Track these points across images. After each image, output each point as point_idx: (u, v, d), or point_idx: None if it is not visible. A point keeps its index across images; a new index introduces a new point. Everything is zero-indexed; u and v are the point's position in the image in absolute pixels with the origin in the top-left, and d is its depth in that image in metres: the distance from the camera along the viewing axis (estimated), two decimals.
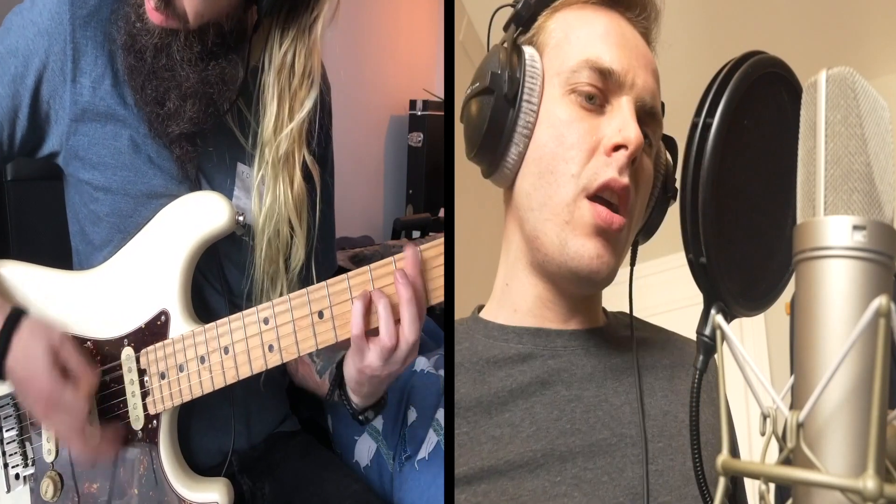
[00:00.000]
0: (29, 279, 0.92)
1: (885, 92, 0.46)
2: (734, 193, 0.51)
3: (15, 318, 0.84)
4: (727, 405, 0.55)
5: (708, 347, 0.52)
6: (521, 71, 0.67)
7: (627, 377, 0.69)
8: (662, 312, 1.36)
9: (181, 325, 0.87)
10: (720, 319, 0.51)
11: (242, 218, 0.90)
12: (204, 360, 0.85)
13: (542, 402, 0.65)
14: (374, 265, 0.78)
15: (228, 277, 0.95)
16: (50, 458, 0.91)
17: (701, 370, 0.52)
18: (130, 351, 0.88)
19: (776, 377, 2.21)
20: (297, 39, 0.90)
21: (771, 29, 1.84)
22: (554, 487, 0.62)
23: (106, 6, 0.88)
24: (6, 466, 0.92)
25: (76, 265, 1.00)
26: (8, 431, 0.92)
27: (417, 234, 2.92)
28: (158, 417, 0.88)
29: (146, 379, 0.87)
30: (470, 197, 0.87)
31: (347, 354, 0.85)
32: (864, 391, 0.40)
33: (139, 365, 0.88)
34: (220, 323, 0.84)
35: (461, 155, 0.72)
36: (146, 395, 0.87)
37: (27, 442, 0.92)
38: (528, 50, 0.69)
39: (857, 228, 0.41)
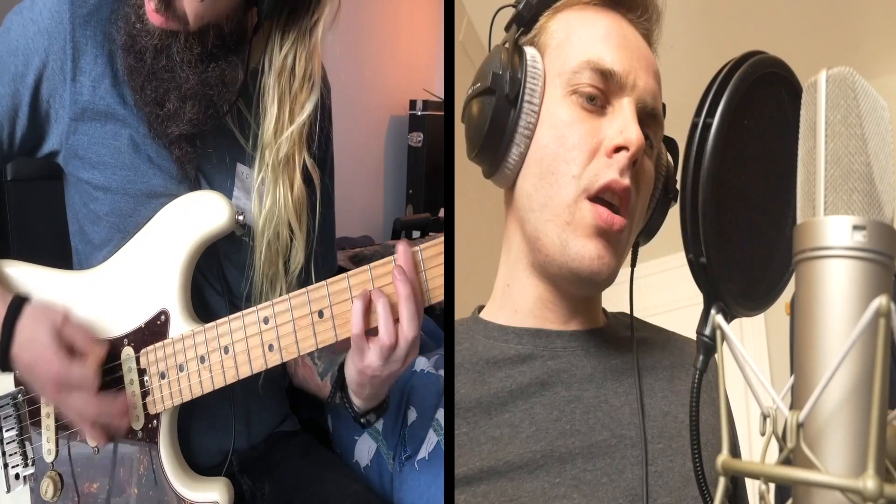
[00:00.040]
0: (28, 279, 0.92)
1: (885, 92, 0.46)
2: (734, 193, 0.51)
3: (17, 305, 0.85)
4: (727, 405, 0.55)
5: (708, 347, 0.52)
6: (522, 71, 0.67)
7: (627, 378, 0.69)
8: (662, 312, 1.36)
9: (181, 324, 0.87)
10: (720, 319, 0.51)
11: (242, 217, 0.90)
12: (204, 359, 0.85)
13: (541, 402, 0.65)
14: (373, 265, 0.78)
15: (228, 277, 0.95)
16: (50, 457, 0.91)
17: (701, 370, 0.52)
18: (130, 351, 0.88)
19: (776, 377, 2.21)
20: (297, 42, 0.90)
21: (771, 29, 1.84)
22: (553, 489, 0.61)
23: (106, 6, 0.88)
24: (6, 466, 0.92)
25: (76, 265, 1.00)
26: (8, 431, 0.92)
27: (417, 234, 2.93)
28: (158, 417, 0.88)
29: (146, 379, 0.87)
30: (470, 197, 0.87)
31: (348, 355, 0.85)
32: (864, 391, 0.40)
33: (139, 365, 0.88)
34: (219, 322, 0.84)
35: (461, 155, 0.72)
36: (146, 394, 0.87)
37: (27, 442, 0.92)
38: (529, 50, 0.69)
39: (857, 228, 0.41)
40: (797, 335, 0.43)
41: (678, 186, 0.67)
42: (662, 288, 1.99)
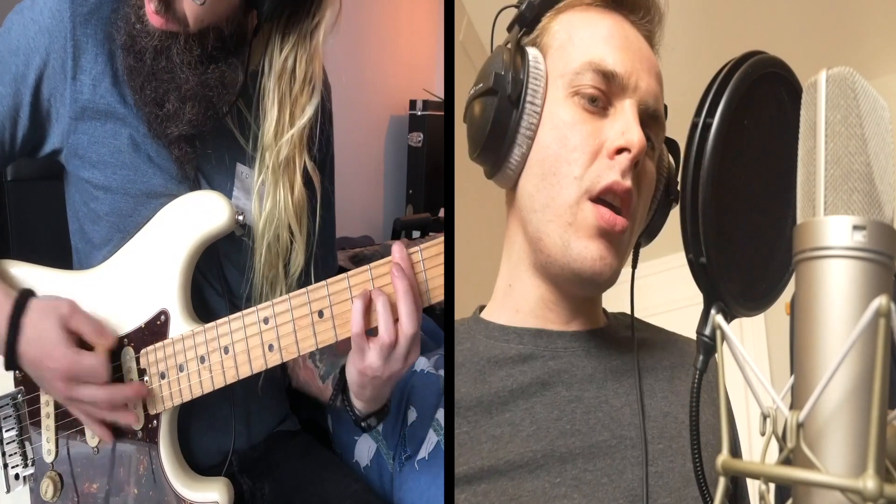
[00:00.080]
0: (28, 279, 0.92)
1: (885, 92, 0.46)
2: (734, 193, 0.51)
3: (22, 301, 0.84)
4: (728, 405, 0.55)
5: (708, 347, 0.52)
6: (524, 72, 0.67)
7: (628, 378, 0.69)
8: (662, 312, 1.36)
9: (181, 324, 0.87)
10: (720, 319, 0.51)
11: (242, 217, 0.90)
12: (204, 359, 0.85)
13: (542, 402, 0.65)
14: (373, 265, 0.79)
15: (228, 278, 0.95)
16: (49, 458, 0.91)
17: (701, 370, 0.52)
18: (130, 351, 0.88)
19: (776, 377, 2.21)
20: (297, 45, 0.90)
21: (771, 29, 1.84)
22: (554, 488, 0.62)
23: (107, 4, 0.88)
24: (6, 467, 0.92)
25: (76, 264, 1.00)
26: (8, 432, 0.92)
27: (417, 234, 2.93)
28: (158, 417, 0.88)
29: (146, 379, 0.87)
30: (470, 197, 0.87)
31: (349, 357, 0.85)
32: (864, 391, 0.40)
33: (139, 365, 0.88)
34: (219, 323, 0.84)
35: (461, 155, 0.72)
36: None
37: (27, 442, 0.92)
38: (531, 51, 0.69)
39: (857, 228, 0.41)
40: (797, 335, 0.43)
41: (678, 187, 0.67)
42: (662, 288, 1.99)
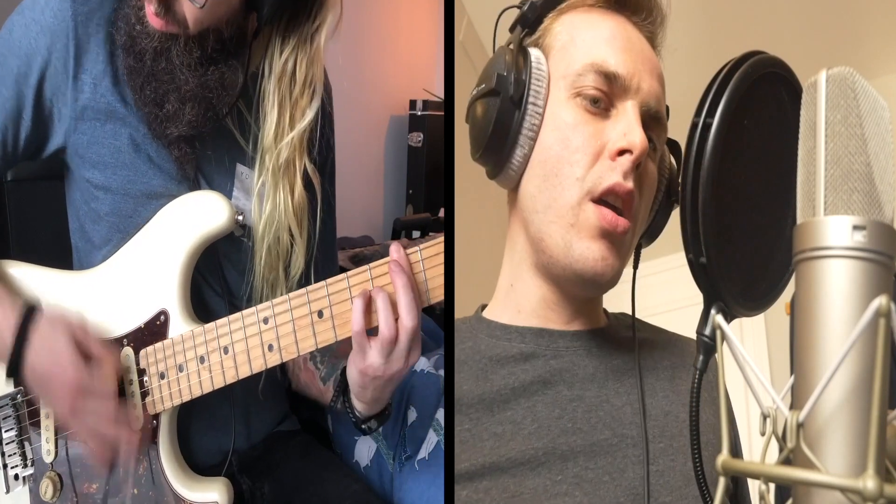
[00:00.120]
0: (28, 279, 0.92)
1: (885, 92, 0.46)
2: (734, 193, 0.51)
3: (30, 311, 0.83)
4: (728, 405, 0.55)
5: (708, 347, 0.52)
6: (526, 73, 0.67)
7: (629, 378, 0.69)
8: (662, 312, 1.36)
9: (180, 325, 0.87)
10: (720, 319, 0.51)
11: (242, 217, 0.90)
12: (203, 359, 0.85)
13: (543, 401, 0.65)
14: (373, 265, 0.79)
15: (228, 278, 0.95)
16: (49, 458, 0.91)
17: (701, 370, 0.52)
18: (130, 351, 0.88)
19: (776, 377, 2.21)
20: (298, 48, 0.90)
21: (771, 29, 1.84)
22: (555, 486, 0.62)
23: (108, 3, 0.88)
24: (5, 467, 0.92)
25: (76, 263, 1.00)
26: (7, 432, 0.92)
27: (417, 234, 2.93)
28: (158, 417, 0.87)
29: (146, 379, 0.87)
30: (470, 197, 0.87)
31: (349, 357, 0.85)
32: (864, 391, 0.39)
33: (138, 365, 0.88)
34: (219, 323, 0.84)
35: (461, 155, 0.72)
36: (145, 395, 0.87)
37: (26, 442, 0.92)
38: (534, 52, 0.69)
39: (857, 228, 0.41)
40: (797, 335, 0.43)
41: (679, 187, 0.67)
42: (662, 288, 1.99)
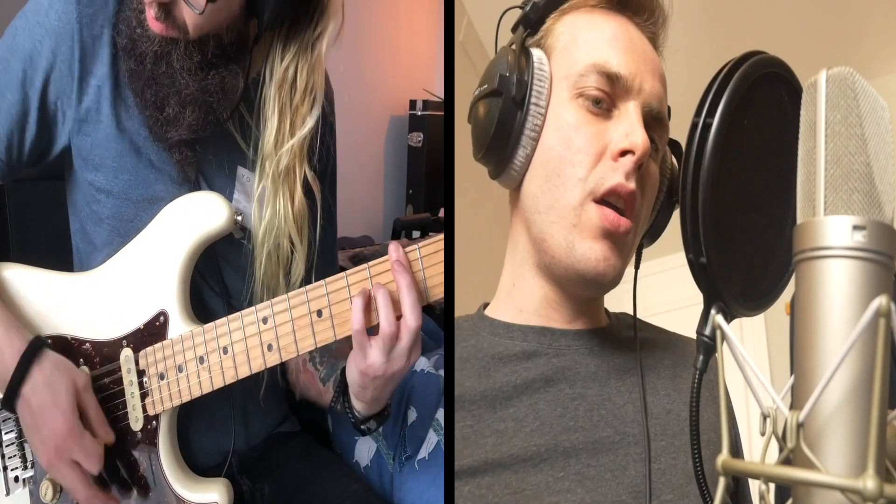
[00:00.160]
0: (28, 281, 0.92)
1: (885, 92, 0.46)
2: (734, 193, 0.51)
3: (37, 345, 0.83)
4: (728, 405, 0.55)
5: (708, 347, 0.52)
6: (529, 74, 0.67)
7: (630, 377, 0.70)
8: (662, 312, 1.36)
9: (180, 325, 0.87)
10: (720, 319, 0.51)
11: (241, 218, 0.89)
12: (203, 360, 0.85)
13: (545, 398, 0.66)
14: (371, 264, 0.79)
15: (226, 279, 0.95)
16: None
17: (701, 370, 0.52)
18: (129, 352, 0.88)
19: (776, 377, 2.21)
20: (299, 55, 0.90)
21: (771, 29, 1.84)
22: (557, 483, 0.62)
23: (111, 4, 0.88)
24: (5, 469, 0.92)
25: (76, 264, 0.99)
26: (7, 434, 0.92)
27: (417, 234, 2.93)
28: (158, 418, 0.87)
29: (145, 380, 0.87)
30: (470, 197, 0.87)
31: (349, 357, 0.84)
32: (864, 391, 0.39)
33: (138, 366, 0.88)
34: (218, 323, 0.84)
35: (461, 155, 0.72)
36: (145, 395, 0.87)
37: (26, 444, 0.92)
38: (536, 53, 0.69)
39: (857, 228, 0.41)
40: (797, 335, 0.43)
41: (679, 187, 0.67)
42: (662, 288, 1.99)
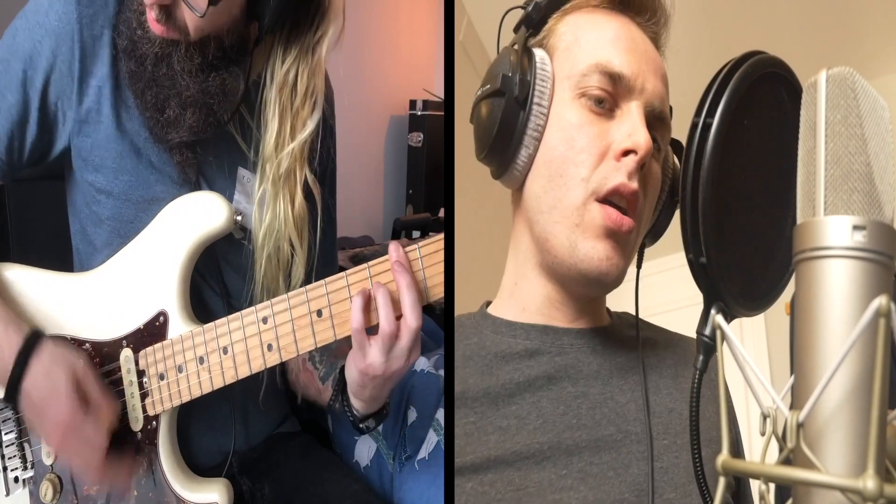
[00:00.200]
0: (28, 281, 0.92)
1: (885, 92, 0.46)
2: (734, 193, 0.51)
3: (34, 339, 0.83)
4: (728, 404, 0.55)
5: (708, 347, 0.52)
6: (531, 74, 0.67)
7: (632, 375, 0.70)
8: (663, 312, 1.36)
9: (180, 325, 0.87)
10: (720, 319, 0.51)
11: (241, 218, 0.89)
12: (203, 360, 0.85)
13: (548, 396, 0.66)
14: (371, 263, 0.79)
15: (226, 280, 0.95)
16: (49, 460, 0.91)
17: (701, 370, 0.52)
18: (129, 352, 0.88)
19: (776, 377, 2.21)
20: (299, 58, 0.90)
21: (771, 29, 1.84)
22: (560, 480, 0.62)
23: (111, 4, 0.88)
24: (5, 469, 0.92)
25: (76, 264, 0.99)
26: (7, 434, 0.92)
27: (417, 234, 2.93)
28: (158, 418, 0.87)
29: (145, 380, 0.87)
30: (470, 197, 0.87)
31: (349, 356, 0.85)
32: (864, 391, 0.39)
33: (138, 366, 0.88)
34: (218, 323, 0.84)
35: (461, 155, 0.72)
36: (145, 396, 0.87)
37: (26, 444, 0.92)
38: (538, 53, 0.69)
39: (857, 228, 0.41)
40: (797, 335, 0.43)
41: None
42: (662, 288, 1.99)
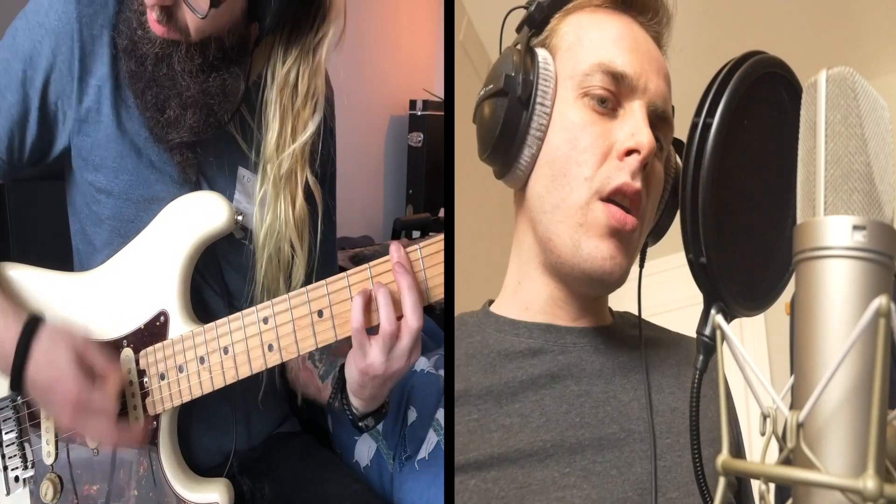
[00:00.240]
0: (28, 281, 0.92)
1: (885, 92, 0.46)
2: (734, 193, 0.51)
3: (33, 324, 0.83)
4: (728, 404, 0.55)
5: (708, 347, 0.52)
6: (534, 73, 0.68)
7: (635, 374, 0.70)
8: (663, 312, 1.36)
9: (180, 325, 0.87)
10: (720, 319, 0.51)
11: (241, 218, 0.89)
12: (203, 360, 0.85)
13: (551, 395, 0.66)
14: (372, 264, 0.79)
15: (227, 279, 0.95)
16: (49, 460, 0.91)
17: (701, 370, 0.52)
18: (130, 352, 0.88)
19: (776, 377, 2.21)
20: (300, 59, 0.90)
21: (771, 29, 1.84)
22: (563, 478, 0.62)
23: (111, 4, 0.88)
24: (6, 469, 0.92)
25: (76, 264, 0.99)
26: (7, 434, 0.92)
27: (417, 234, 2.93)
28: (158, 418, 0.87)
29: (146, 380, 0.87)
30: (470, 197, 0.87)
31: (349, 355, 0.85)
32: (864, 391, 0.39)
33: (138, 366, 0.88)
34: (219, 323, 0.84)
35: (461, 155, 0.72)
36: (146, 395, 0.87)
37: (27, 444, 0.92)
38: (541, 52, 0.69)
39: (857, 228, 0.41)
40: (797, 335, 0.43)
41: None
42: (662, 288, 1.99)
